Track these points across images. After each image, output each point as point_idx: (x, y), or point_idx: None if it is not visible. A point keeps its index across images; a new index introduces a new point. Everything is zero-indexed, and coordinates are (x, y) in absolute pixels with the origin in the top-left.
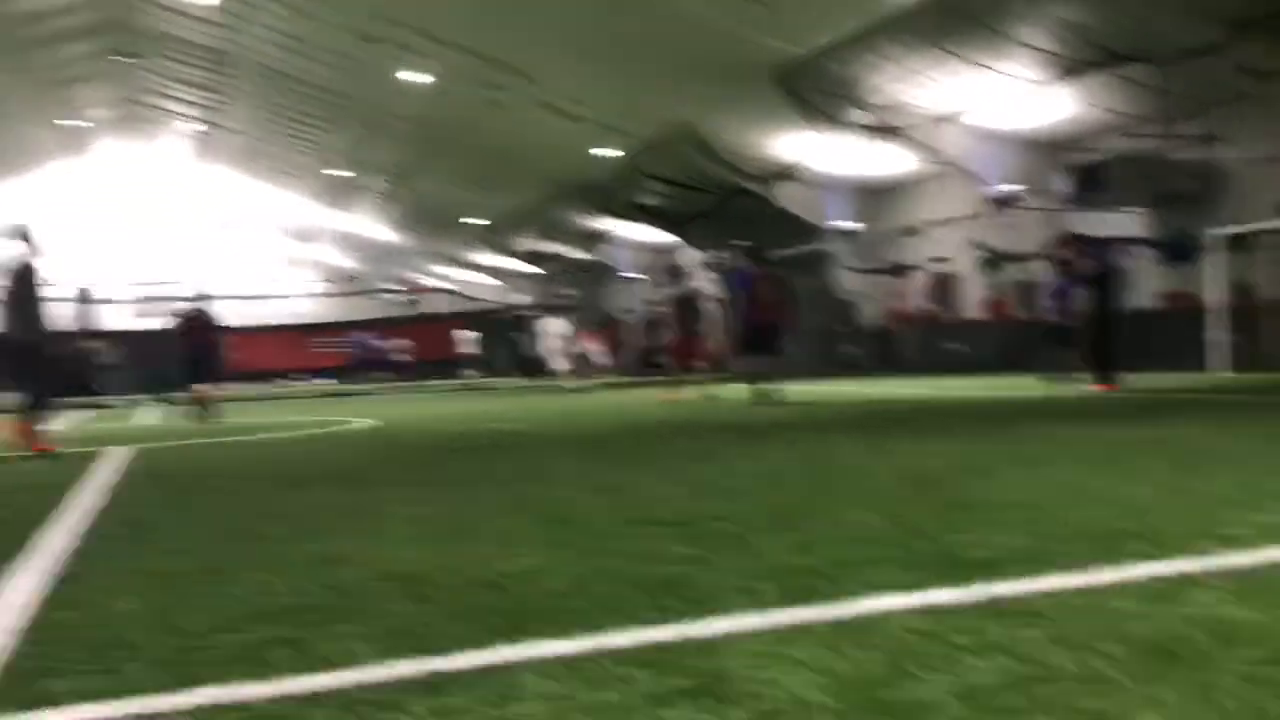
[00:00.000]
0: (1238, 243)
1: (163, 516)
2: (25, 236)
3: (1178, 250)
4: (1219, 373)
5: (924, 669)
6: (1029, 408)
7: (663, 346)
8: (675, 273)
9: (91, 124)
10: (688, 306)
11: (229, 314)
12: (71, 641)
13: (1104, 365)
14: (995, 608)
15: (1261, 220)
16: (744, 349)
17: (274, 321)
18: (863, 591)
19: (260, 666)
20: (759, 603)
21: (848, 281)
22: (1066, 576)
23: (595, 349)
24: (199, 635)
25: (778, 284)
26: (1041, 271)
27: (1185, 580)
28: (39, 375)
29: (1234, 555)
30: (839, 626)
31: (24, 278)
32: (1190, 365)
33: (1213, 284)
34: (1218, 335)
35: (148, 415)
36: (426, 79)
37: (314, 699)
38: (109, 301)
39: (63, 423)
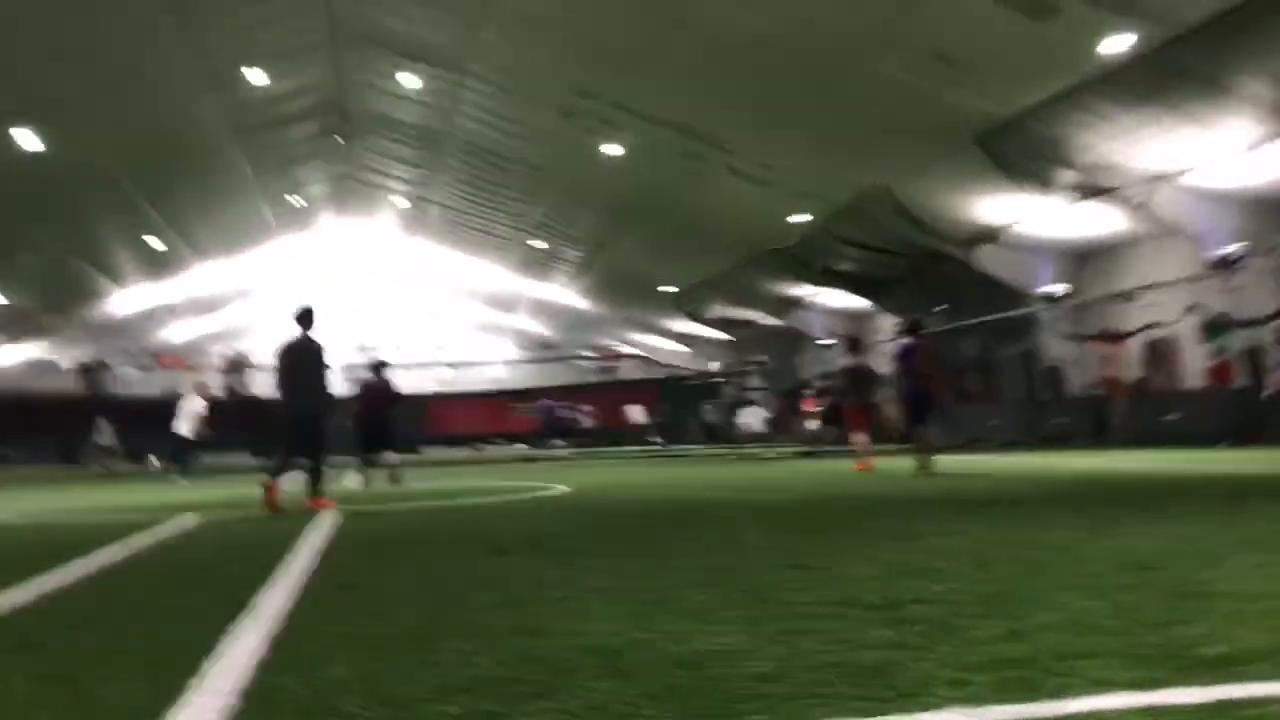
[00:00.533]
0: None
1: (370, 580)
2: (307, 318)
3: None
4: None
5: None
6: (1258, 485)
7: (833, 415)
8: (852, 344)
9: (305, 204)
10: (858, 376)
11: (431, 381)
12: (288, 707)
13: None
14: (1231, 710)
15: None
16: (909, 421)
17: (474, 388)
18: (1085, 688)
19: None
20: (972, 697)
21: (1056, 349)
22: None
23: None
24: (406, 705)
25: (931, 355)
26: (1272, 337)
27: None
28: (311, 443)
29: None
30: None
31: (311, 353)
32: None
33: None
34: None
35: (351, 479)
36: (621, 150)
37: None
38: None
39: (290, 484)
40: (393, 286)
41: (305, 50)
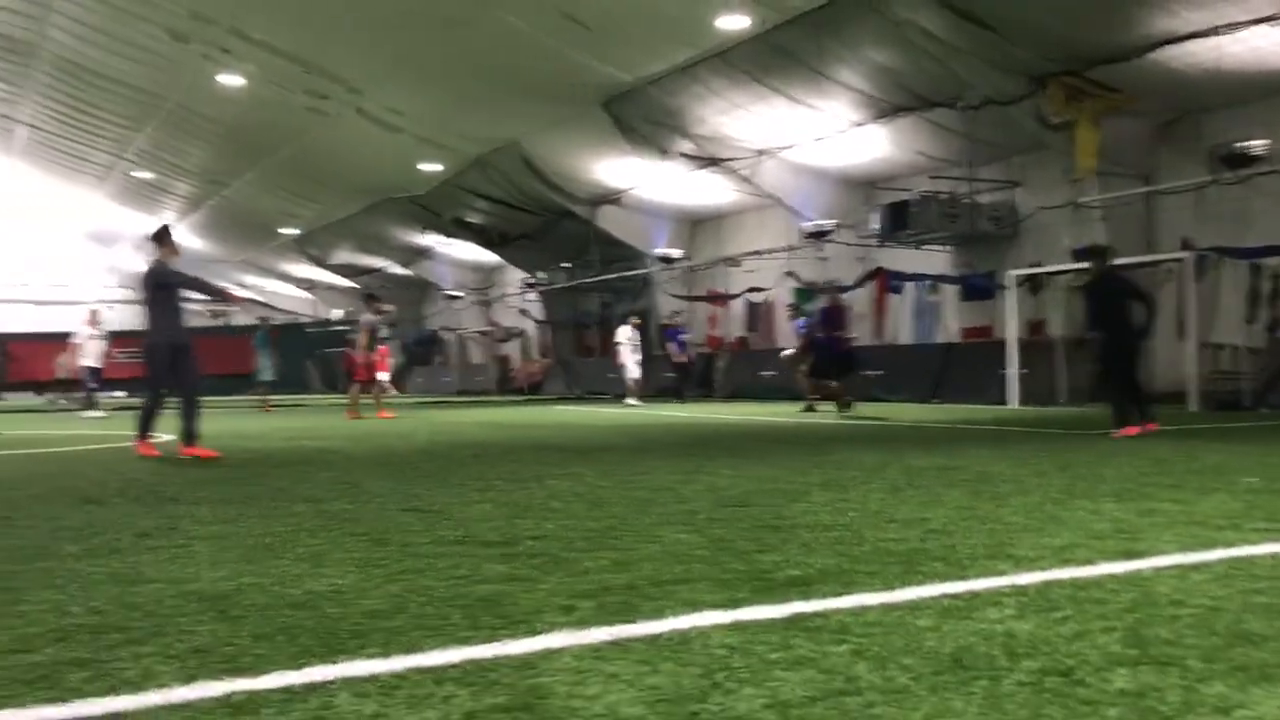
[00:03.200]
0: (1032, 283)
1: None
2: (161, 239)
3: (978, 288)
4: (1014, 405)
5: (737, 683)
6: (842, 432)
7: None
8: (368, 298)
9: None
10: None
11: (13, 321)
12: None
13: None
14: (804, 624)
15: (1053, 263)
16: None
17: (64, 330)
18: (679, 609)
19: (55, 689)
20: (579, 621)
21: (668, 307)
22: (870, 595)
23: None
24: None
25: (844, 314)
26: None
27: (977, 598)
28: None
29: (1020, 575)
30: (655, 642)
31: (159, 279)
32: (989, 398)
33: (1009, 321)
34: (1013, 370)
35: None
36: (240, 81)
37: None
38: None
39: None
40: None
41: None
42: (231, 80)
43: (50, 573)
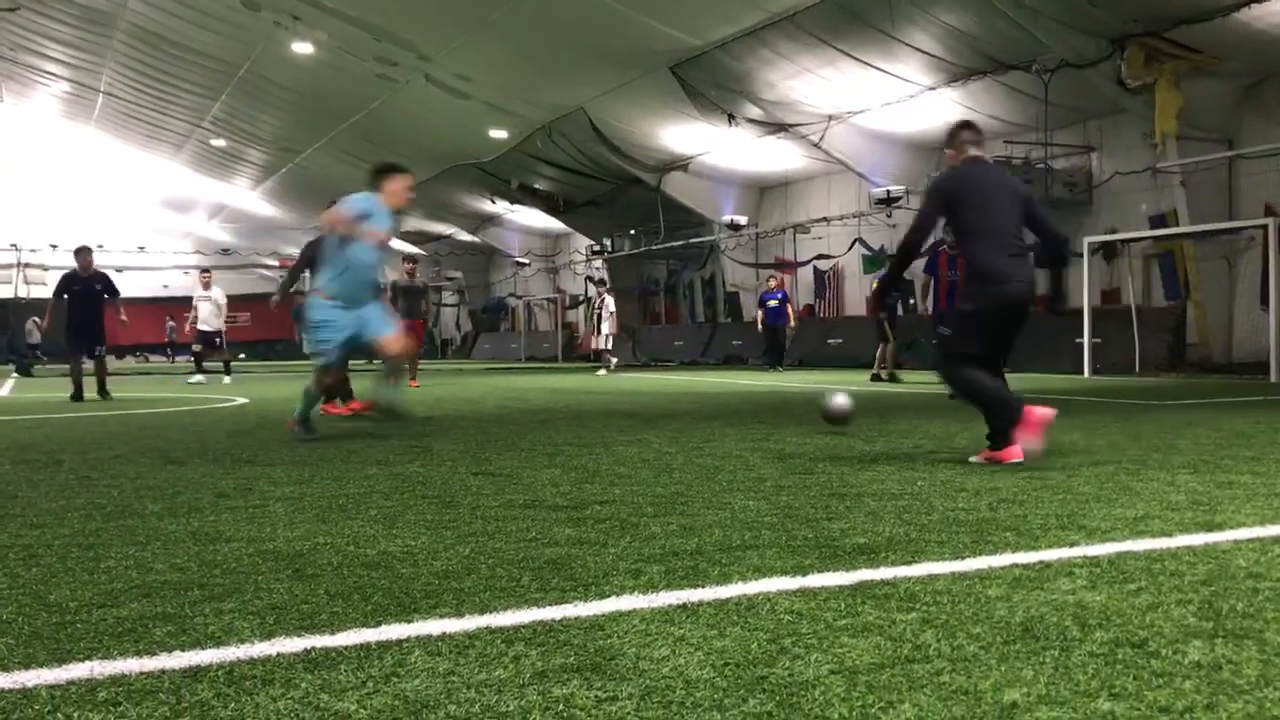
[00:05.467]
0: (1108, 250)
1: (27, 491)
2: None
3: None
4: (1088, 374)
5: (804, 648)
6: (905, 401)
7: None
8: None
9: None
10: (410, 292)
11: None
12: None
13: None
14: (871, 592)
15: (1131, 229)
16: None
17: (141, 295)
18: (745, 574)
19: (140, 642)
20: (646, 585)
21: (734, 275)
22: (939, 563)
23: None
24: (72, 611)
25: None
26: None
27: (1049, 568)
28: None
29: (1093, 546)
30: (722, 607)
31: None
32: (1063, 367)
33: (1085, 289)
34: (1088, 338)
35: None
36: (311, 49)
37: (197, 673)
38: None
39: None
40: (51, 179)
41: None
42: (303, 48)
43: (133, 530)
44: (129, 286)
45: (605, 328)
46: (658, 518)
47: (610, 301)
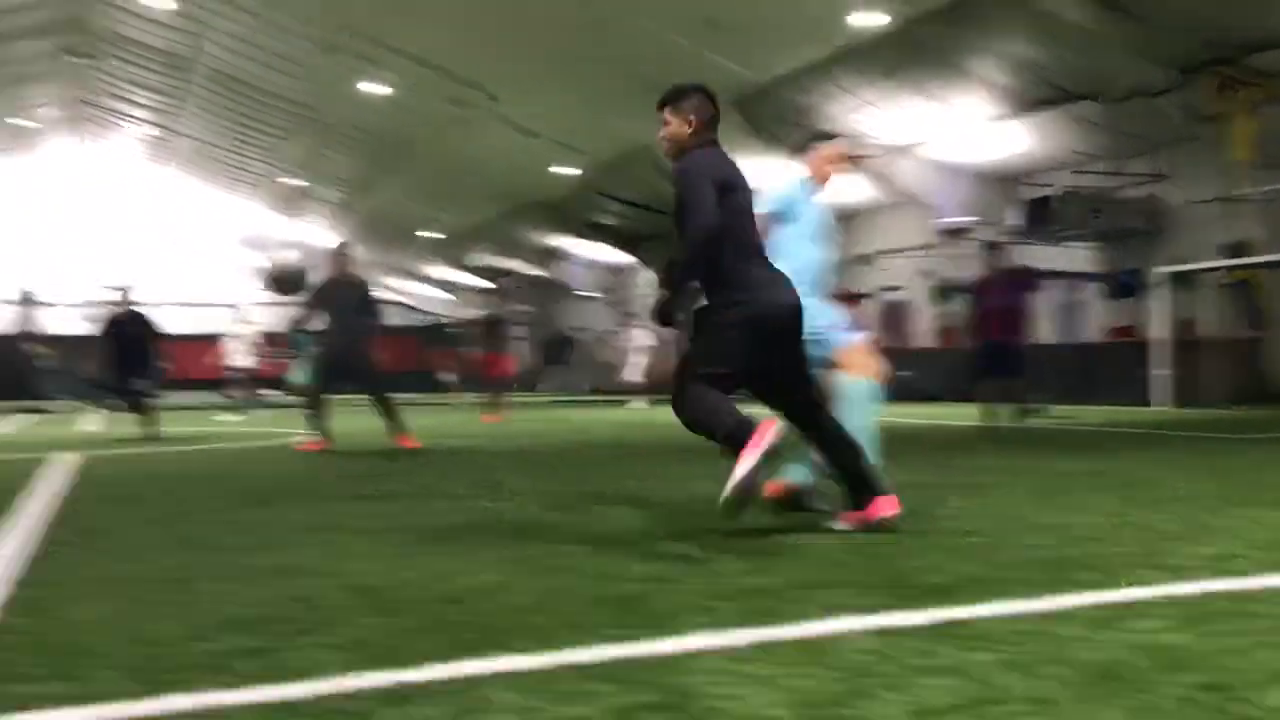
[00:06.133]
0: (1181, 280)
1: (117, 524)
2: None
3: (1123, 286)
4: (1160, 407)
5: (880, 689)
6: (972, 436)
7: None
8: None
9: (40, 125)
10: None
11: (172, 322)
12: (32, 648)
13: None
14: (947, 631)
15: (1204, 259)
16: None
17: (218, 330)
18: (820, 613)
19: (229, 675)
20: (719, 622)
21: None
22: (1016, 603)
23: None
24: (164, 644)
25: None
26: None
27: (1129, 608)
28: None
29: (1174, 585)
30: (798, 646)
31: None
32: (1133, 399)
33: (1156, 320)
34: (1160, 370)
35: (90, 421)
36: (385, 90)
37: (285, 707)
38: (52, 305)
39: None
40: (132, 220)
41: None
42: (376, 89)
43: (218, 564)
44: (209, 324)
45: (632, 360)
46: (729, 554)
47: (640, 335)
